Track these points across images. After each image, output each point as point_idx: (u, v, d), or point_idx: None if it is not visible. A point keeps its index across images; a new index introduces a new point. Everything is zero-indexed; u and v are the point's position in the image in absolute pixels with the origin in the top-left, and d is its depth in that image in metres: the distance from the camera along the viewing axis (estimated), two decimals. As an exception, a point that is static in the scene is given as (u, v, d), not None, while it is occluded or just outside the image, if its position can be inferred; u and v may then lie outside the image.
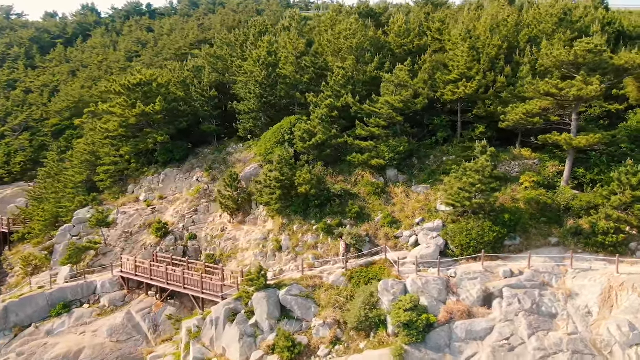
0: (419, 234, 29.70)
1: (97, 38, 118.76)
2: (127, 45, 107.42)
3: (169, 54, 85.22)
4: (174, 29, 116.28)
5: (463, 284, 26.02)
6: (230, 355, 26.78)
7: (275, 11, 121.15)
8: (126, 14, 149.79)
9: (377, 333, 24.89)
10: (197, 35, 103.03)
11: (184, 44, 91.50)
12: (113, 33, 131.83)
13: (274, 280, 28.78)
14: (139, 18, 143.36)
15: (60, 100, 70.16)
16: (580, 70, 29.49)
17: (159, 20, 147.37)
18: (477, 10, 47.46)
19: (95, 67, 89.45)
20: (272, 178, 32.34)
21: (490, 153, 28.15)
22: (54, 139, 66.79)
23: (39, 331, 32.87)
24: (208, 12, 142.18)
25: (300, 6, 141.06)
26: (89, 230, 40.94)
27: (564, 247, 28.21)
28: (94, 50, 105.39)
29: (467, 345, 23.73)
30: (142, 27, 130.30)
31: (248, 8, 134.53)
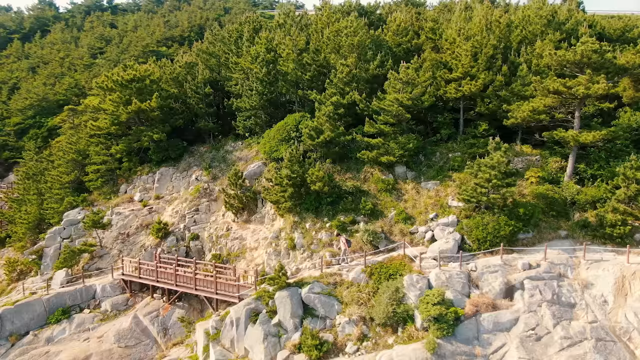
0: (434, 229, 30.11)
1: (57, 34, 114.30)
2: (89, 42, 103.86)
3: (136, 51, 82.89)
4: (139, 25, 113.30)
5: (484, 277, 26.56)
6: (253, 356, 26.28)
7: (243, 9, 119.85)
8: (86, 9, 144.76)
9: (406, 328, 25.05)
10: (163, 32, 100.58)
11: (150, 40, 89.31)
12: (73, 29, 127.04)
13: (292, 279, 28.43)
14: (100, 13, 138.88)
15: (22, 98, 67.02)
16: (583, 69, 30.71)
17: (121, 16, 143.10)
18: (466, 11, 48.48)
19: (57, 64, 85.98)
20: (284, 176, 31.96)
21: (504, 149, 28.87)
22: (17, 138, 63.72)
23: (38, 339, 31.20)
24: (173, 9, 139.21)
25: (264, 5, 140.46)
26: (81, 233, 39.26)
27: (574, 240, 29.29)
28: (54, 46, 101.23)
29: (495, 337, 24.26)
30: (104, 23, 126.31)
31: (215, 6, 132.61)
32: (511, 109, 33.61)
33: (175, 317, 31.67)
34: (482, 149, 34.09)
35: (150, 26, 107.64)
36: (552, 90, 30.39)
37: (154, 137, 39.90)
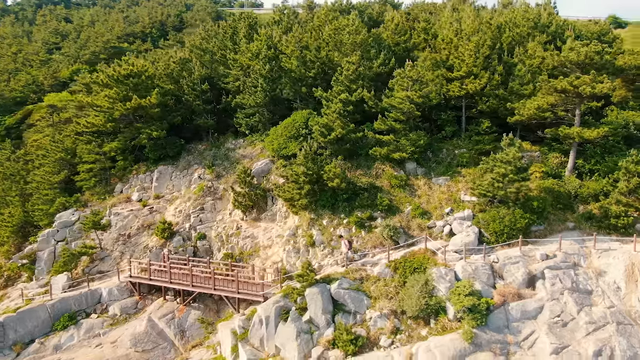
0: (452, 223, 30.93)
1: (7, 27, 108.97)
2: (44, 36, 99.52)
3: (96, 47, 80.00)
4: (96, 20, 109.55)
5: (507, 268, 27.62)
6: (286, 354, 26.10)
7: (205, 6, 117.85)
8: (38, 3, 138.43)
9: (438, 319, 25.68)
10: (123, 28, 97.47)
11: (110, 36, 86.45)
12: (24, 22, 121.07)
13: (317, 275, 28.39)
14: (53, 7, 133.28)
15: (-27, 94, 63.12)
16: (583, 69, 32.51)
17: (76, 10, 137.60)
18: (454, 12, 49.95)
19: (9, 59, 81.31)
20: (300, 173, 31.85)
21: (518, 145, 30.09)
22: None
23: (44, 347, 29.61)
24: (132, 4, 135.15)
25: (223, 2, 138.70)
26: (76, 235, 37.51)
27: (581, 231, 30.91)
28: (4, 40, 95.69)
29: (524, 325, 25.30)
30: (58, 17, 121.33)
31: (176, 2, 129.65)
32: (516, 107, 34.98)
33: (192, 319, 30.85)
34: (488, 146, 35.45)
35: (109, 21, 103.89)
36: (559, 89, 31.95)
37: (153, 134, 38.65)
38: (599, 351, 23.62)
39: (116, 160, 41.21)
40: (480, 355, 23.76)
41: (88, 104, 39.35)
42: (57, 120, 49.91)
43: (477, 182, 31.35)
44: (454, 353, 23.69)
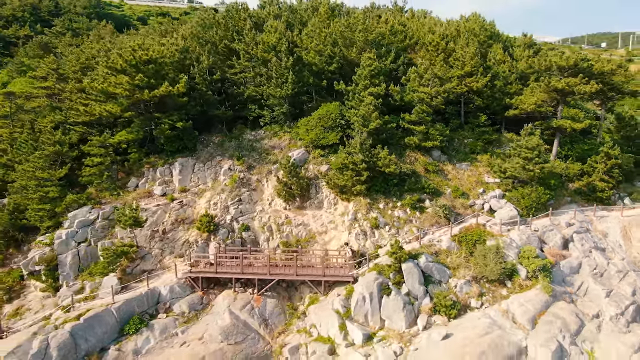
0: (489, 201, 35.89)
1: None
2: None
3: None
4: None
5: (546, 234, 33.41)
6: (392, 325, 28.25)
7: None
8: None
9: (513, 280, 30.23)
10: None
11: None
12: None
13: (396, 253, 30.90)
14: None
15: None
16: (564, 73, 40.11)
17: None
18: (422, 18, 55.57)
19: None
20: (359, 161, 33.86)
21: (538, 134, 36.19)
22: None
23: (123, 354, 27.15)
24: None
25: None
26: (98, 234, 34.24)
27: (576, 203, 38.30)
28: None
29: (573, 278, 31.19)
30: None
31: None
32: (514, 102, 41.39)
33: (270, 307, 30.80)
34: (493, 136, 41.38)
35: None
36: (553, 89, 38.90)
37: (177, 124, 36.75)
38: (634, 291, 30.43)
39: (121, 154, 38.03)
40: (558, 303, 28.88)
41: (100, 91, 35.66)
42: (14, 110, 43.29)
43: (503, 165, 36.78)
44: (541, 304, 28.43)
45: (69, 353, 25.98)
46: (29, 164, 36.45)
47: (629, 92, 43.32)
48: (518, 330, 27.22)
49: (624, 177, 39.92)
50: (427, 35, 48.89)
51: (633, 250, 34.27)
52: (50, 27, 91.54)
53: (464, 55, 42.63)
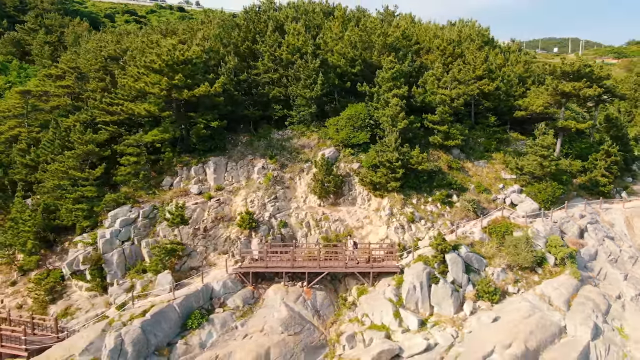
0: (510, 196, 38.73)
1: None
2: None
3: None
4: None
5: (565, 225, 36.56)
6: (441, 311, 30.36)
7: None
8: None
9: (543, 267, 33.01)
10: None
11: None
12: None
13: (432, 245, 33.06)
14: None
15: None
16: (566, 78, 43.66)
17: None
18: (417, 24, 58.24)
19: None
20: (394, 159, 35.82)
21: (552, 134, 39.37)
22: None
23: (191, 347, 27.84)
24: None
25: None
26: (141, 233, 34.53)
27: (581, 197, 41.84)
28: None
29: (593, 264, 34.42)
30: None
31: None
32: (521, 104, 44.58)
33: (320, 299, 32.13)
34: (504, 135, 44.45)
35: None
36: (560, 92, 42.28)
37: (212, 124, 37.45)
38: (646, 275, 33.99)
39: (151, 153, 38.24)
40: (586, 287, 31.92)
41: (138, 91, 35.86)
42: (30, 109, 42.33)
43: (520, 163, 39.74)
44: (572, 288, 31.34)
45: (142, 348, 26.48)
46: (60, 164, 36.08)
47: (620, 95, 47.53)
48: (555, 312, 29.94)
49: (620, 173, 43.92)
50: (432, 40, 51.46)
51: (637, 238, 38.01)
52: (15, 23, 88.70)
53: (475, 59, 45.42)
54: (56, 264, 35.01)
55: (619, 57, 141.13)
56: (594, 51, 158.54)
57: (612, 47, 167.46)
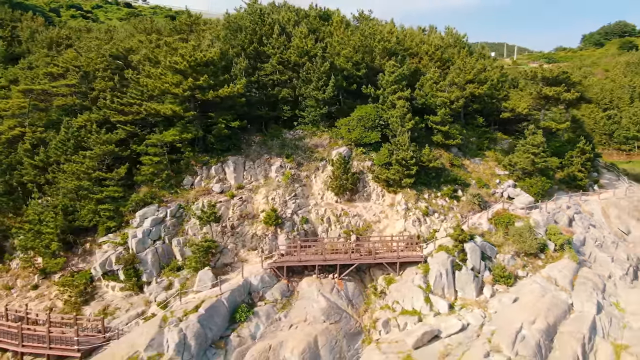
0: (506, 190, 42.54)
1: None
2: None
3: None
4: None
5: (556, 215, 40.84)
6: (465, 295, 33.36)
7: None
8: None
9: (545, 253, 36.89)
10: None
11: None
12: None
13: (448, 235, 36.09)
14: None
15: None
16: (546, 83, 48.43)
17: None
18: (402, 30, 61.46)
19: None
20: (408, 157, 38.48)
21: (540, 133, 43.66)
22: None
23: (243, 339, 28.97)
24: None
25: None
26: (170, 231, 34.99)
27: (561, 190, 46.61)
28: None
29: (584, 248, 38.84)
30: None
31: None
32: (507, 106, 48.77)
33: (351, 289, 34.02)
34: (492, 135, 48.45)
35: None
36: (544, 95, 46.85)
37: (232, 124, 38.37)
38: (627, 256, 38.82)
39: (185, 152, 38.52)
40: (583, 269, 36.12)
41: (162, 91, 36.07)
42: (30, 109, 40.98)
43: (513, 160, 43.73)
44: (572, 270, 35.39)
45: (202, 342, 27.35)
46: (78, 164, 35.64)
47: (588, 98, 53.12)
48: (562, 291, 33.77)
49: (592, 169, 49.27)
50: (420, 45, 54.76)
51: (613, 226, 43.11)
52: None
53: (465, 65, 49.09)
54: (80, 265, 34.62)
55: (549, 62, 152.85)
56: (527, 56, 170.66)
57: (543, 53, 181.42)
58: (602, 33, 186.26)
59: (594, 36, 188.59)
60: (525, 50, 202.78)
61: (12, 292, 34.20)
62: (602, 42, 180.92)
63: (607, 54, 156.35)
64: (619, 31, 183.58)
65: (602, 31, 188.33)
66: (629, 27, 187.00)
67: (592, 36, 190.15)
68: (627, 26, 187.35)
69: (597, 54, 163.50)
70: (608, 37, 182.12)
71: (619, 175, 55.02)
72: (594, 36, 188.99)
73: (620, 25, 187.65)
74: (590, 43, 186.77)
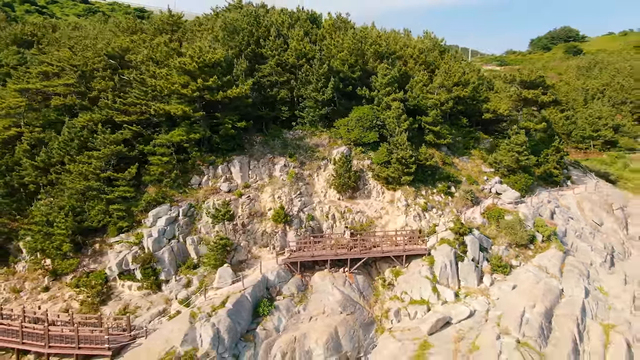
0: (494, 185, 45.48)
1: None
2: None
3: None
4: None
5: (540, 209, 44.16)
6: (467, 284, 35.79)
7: None
8: None
9: (534, 243, 39.96)
10: None
11: None
12: None
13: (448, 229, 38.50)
14: None
15: None
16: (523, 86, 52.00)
17: None
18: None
19: None
20: (408, 156, 40.59)
21: (524, 133, 46.94)
22: None
23: (268, 332, 30.04)
24: None
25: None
26: (184, 230, 35.48)
27: (540, 186, 50.19)
28: None
29: (566, 239, 42.28)
30: None
31: None
32: (489, 107, 51.91)
33: (361, 282, 35.66)
34: (476, 135, 51.44)
35: None
36: (523, 98, 50.26)
37: (237, 124, 39.16)
38: (604, 245, 42.61)
39: (192, 152, 38.86)
40: (568, 258, 39.44)
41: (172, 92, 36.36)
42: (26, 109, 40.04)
43: (498, 158, 46.78)
44: (560, 259, 38.62)
45: (234, 335, 28.25)
46: (85, 165, 35.46)
47: (559, 100, 57.23)
48: (552, 278, 36.82)
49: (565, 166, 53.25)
50: (404, 48, 57.13)
51: (587, 218, 47.01)
52: None
53: (450, 69, 51.85)
54: (91, 266, 34.47)
55: (501, 64, 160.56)
56: (480, 59, 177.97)
57: (495, 56, 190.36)
58: (549, 38, 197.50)
59: (542, 40, 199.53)
60: (477, 52, 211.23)
61: (21, 295, 33.63)
62: (549, 46, 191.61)
63: (554, 57, 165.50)
64: (565, 36, 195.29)
65: (549, 36, 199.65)
66: (573, 32, 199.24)
67: (540, 40, 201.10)
68: (572, 31, 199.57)
69: (545, 57, 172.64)
70: (554, 41, 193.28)
71: (585, 172, 59.56)
72: (541, 40, 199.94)
73: (565, 30, 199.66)
74: (538, 47, 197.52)
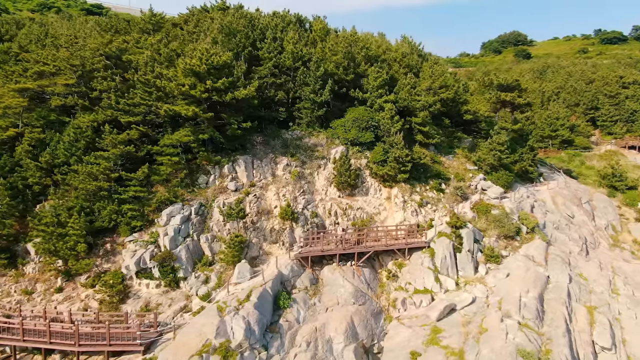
0: (479, 182, 48.67)
1: None
2: None
3: None
4: None
5: (521, 204, 47.74)
6: (465, 273, 38.54)
7: None
8: None
9: (520, 235, 43.33)
10: None
11: None
12: None
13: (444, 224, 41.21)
14: None
15: None
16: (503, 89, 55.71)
17: None
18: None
19: None
20: (404, 155, 42.99)
21: (505, 133, 50.42)
22: None
23: (290, 323, 31.46)
24: None
25: None
26: (197, 228, 36.34)
27: (518, 182, 54.01)
28: None
29: (545, 230, 45.94)
30: None
31: None
32: (470, 109, 55.22)
33: (367, 274, 37.62)
34: (458, 135, 54.66)
35: None
36: (502, 100, 53.87)
37: (243, 125, 40.25)
38: (579, 236, 46.63)
39: (200, 152, 39.48)
40: (551, 247, 43.03)
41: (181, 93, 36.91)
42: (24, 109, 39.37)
43: (482, 156, 50.06)
44: (544, 249, 42.11)
45: (262, 327, 29.54)
46: (94, 165, 35.59)
47: (532, 103, 61.49)
48: (539, 266, 40.19)
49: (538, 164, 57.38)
50: (386, 52, 59.68)
51: (561, 211, 51.10)
52: None
53: (434, 72, 54.78)
54: (104, 266, 34.70)
55: (456, 66, 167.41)
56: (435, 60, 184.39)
57: (450, 58, 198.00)
58: (500, 41, 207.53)
59: (493, 44, 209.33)
60: (430, 54, 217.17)
61: (33, 296, 33.40)
62: (500, 49, 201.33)
63: (505, 60, 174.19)
64: (514, 40, 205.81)
65: (499, 39, 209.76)
66: (522, 36, 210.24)
67: (491, 44, 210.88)
68: (521, 36, 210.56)
69: (497, 60, 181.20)
70: (504, 45, 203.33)
71: (552, 169, 64.22)
72: (492, 44, 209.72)
73: (515, 34, 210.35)
74: (489, 50, 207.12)
